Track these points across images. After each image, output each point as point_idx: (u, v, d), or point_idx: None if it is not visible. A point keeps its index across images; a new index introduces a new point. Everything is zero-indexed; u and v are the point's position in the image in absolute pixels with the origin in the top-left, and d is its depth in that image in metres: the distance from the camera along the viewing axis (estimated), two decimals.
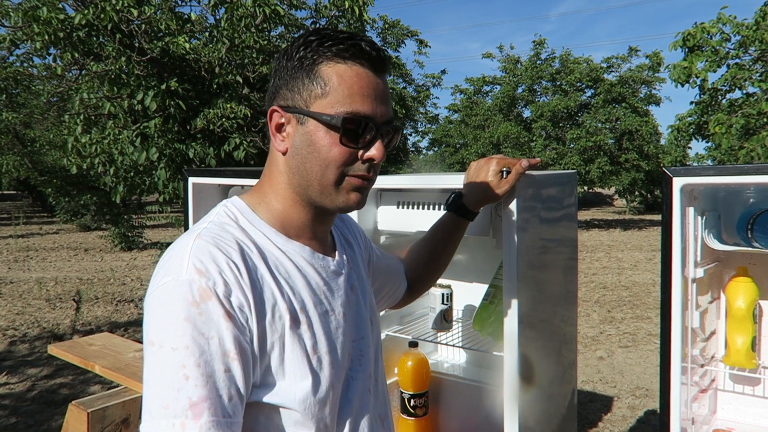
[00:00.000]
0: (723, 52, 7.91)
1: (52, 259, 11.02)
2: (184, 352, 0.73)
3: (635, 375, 4.64)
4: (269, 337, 0.82)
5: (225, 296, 0.77)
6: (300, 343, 0.84)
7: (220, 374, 0.75)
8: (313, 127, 0.86)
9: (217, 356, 0.75)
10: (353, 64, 0.86)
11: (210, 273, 0.78)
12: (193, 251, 0.80)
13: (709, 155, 10.43)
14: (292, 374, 0.83)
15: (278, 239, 0.90)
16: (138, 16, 5.54)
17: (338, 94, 0.85)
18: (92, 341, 2.90)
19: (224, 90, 6.40)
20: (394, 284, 1.28)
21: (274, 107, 0.89)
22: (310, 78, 0.86)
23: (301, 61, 0.86)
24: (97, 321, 6.37)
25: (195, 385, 0.73)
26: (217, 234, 0.84)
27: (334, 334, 0.91)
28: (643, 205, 22.07)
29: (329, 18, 7.71)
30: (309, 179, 0.88)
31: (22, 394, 4.28)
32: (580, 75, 17.54)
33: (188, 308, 0.75)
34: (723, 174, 1.39)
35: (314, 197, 0.90)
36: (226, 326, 0.76)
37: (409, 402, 1.78)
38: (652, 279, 8.63)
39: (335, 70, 0.85)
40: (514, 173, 1.34)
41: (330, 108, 0.85)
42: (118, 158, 6.19)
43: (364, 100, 0.85)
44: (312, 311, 0.88)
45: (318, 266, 0.93)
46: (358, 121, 0.85)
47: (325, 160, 0.86)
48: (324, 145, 0.86)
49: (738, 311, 1.63)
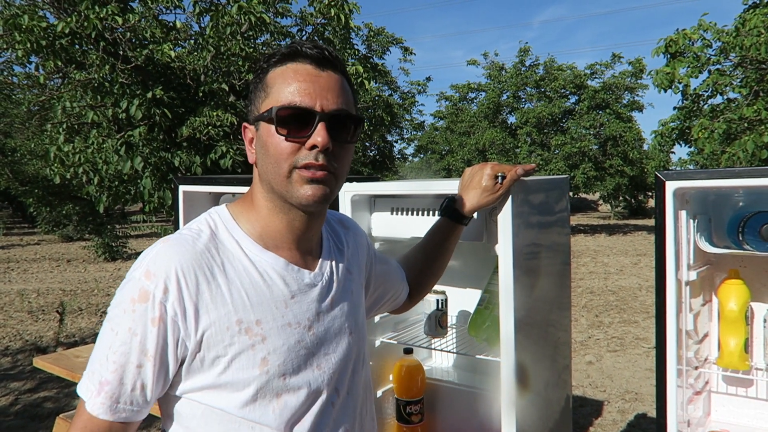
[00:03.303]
0: (704, 58, 8.04)
1: (34, 270, 10.83)
2: (115, 337, 0.85)
3: (624, 379, 4.66)
4: (213, 345, 0.86)
5: (161, 302, 0.84)
6: (249, 352, 0.88)
7: (132, 367, 0.85)
8: (263, 130, 0.92)
9: (135, 352, 0.85)
10: (292, 63, 0.91)
11: (156, 278, 0.85)
12: (153, 255, 0.88)
13: (692, 160, 10.57)
14: (236, 380, 0.88)
15: (253, 249, 0.93)
16: (122, 23, 5.50)
17: (277, 92, 0.90)
18: (78, 353, 2.85)
19: (210, 98, 6.36)
20: (397, 289, 1.29)
21: (244, 124, 0.98)
22: (259, 88, 0.94)
23: (256, 77, 0.95)
24: (81, 333, 6.27)
25: (107, 369, 0.85)
26: (185, 242, 0.89)
27: (293, 347, 0.92)
28: (628, 210, 22.30)
29: (315, 26, 7.71)
30: (270, 180, 0.92)
31: (5, 408, 4.18)
32: (564, 81, 17.71)
33: (128, 304, 0.85)
34: (715, 177, 1.41)
35: (280, 194, 0.93)
36: (151, 330, 0.84)
37: (405, 409, 1.77)
38: (638, 283, 8.70)
39: (276, 73, 0.92)
40: (509, 179, 1.34)
41: (269, 106, 0.91)
42: (102, 167, 6.12)
43: (302, 92, 0.89)
44: (270, 324, 0.90)
45: (289, 278, 0.95)
46: (291, 111, 0.89)
47: (273, 156, 0.91)
48: (271, 143, 0.90)
49: (730, 313, 1.64)
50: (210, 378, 0.87)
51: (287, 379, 0.91)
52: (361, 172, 13.72)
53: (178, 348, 0.86)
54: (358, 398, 1.05)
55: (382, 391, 1.86)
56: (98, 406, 0.85)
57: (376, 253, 1.23)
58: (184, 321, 0.85)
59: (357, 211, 1.75)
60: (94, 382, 0.86)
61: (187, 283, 0.85)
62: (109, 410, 0.85)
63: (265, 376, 0.89)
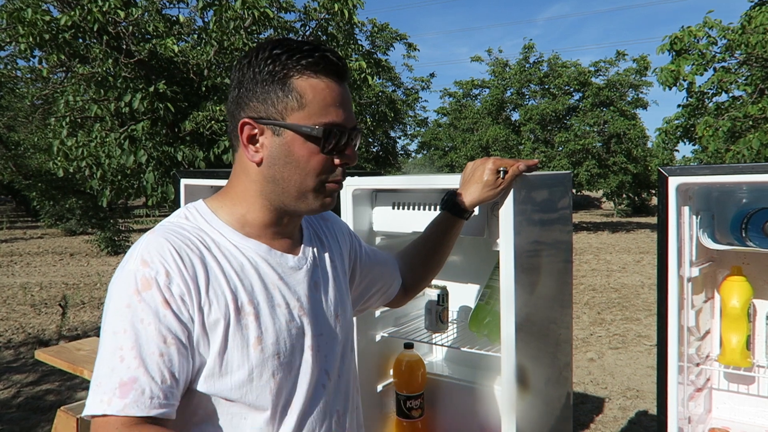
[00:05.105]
0: (710, 56, 8.01)
1: (37, 263, 10.87)
2: (122, 336, 0.81)
3: (625, 376, 4.66)
4: (210, 325, 0.86)
5: (166, 285, 0.83)
6: (243, 333, 0.88)
7: (154, 357, 0.81)
8: (291, 138, 0.90)
9: (153, 341, 0.81)
10: (324, 77, 0.91)
11: (154, 263, 0.84)
12: (143, 245, 0.87)
13: (696, 158, 10.54)
14: (231, 362, 0.87)
15: (234, 236, 0.94)
16: (125, 17, 5.49)
17: (314, 106, 0.90)
18: (80, 346, 2.86)
19: (213, 93, 6.36)
20: (387, 281, 1.27)
21: (245, 120, 0.91)
22: (284, 91, 0.89)
23: (272, 75, 0.89)
24: (83, 326, 6.29)
25: (128, 367, 0.79)
26: (171, 229, 0.90)
27: (284, 327, 0.93)
28: (631, 207, 22.26)
29: (318, 21, 7.70)
30: (286, 187, 0.93)
31: (7, 401, 4.20)
32: (569, 78, 17.66)
33: (130, 296, 0.82)
34: (718, 173, 1.40)
35: (288, 203, 0.94)
36: (164, 313, 0.82)
37: (405, 404, 1.77)
38: (641, 281, 8.68)
39: (309, 83, 0.90)
40: (511, 174, 1.33)
41: (308, 120, 0.90)
42: (105, 161, 6.13)
43: (336, 110, 0.91)
44: (262, 304, 0.91)
45: (273, 262, 0.96)
46: (335, 131, 0.91)
47: (305, 169, 0.91)
48: (303, 155, 0.91)
49: (732, 310, 1.63)
50: (210, 361, 0.87)
51: (281, 358, 0.92)
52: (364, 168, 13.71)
53: (194, 328, 0.85)
54: (350, 384, 1.07)
55: (383, 385, 1.86)
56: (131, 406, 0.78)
57: (362, 243, 1.23)
58: (190, 300, 0.85)
59: (358, 206, 1.75)
60: (107, 390, 0.79)
61: (184, 263, 0.85)
62: (144, 407, 0.79)
63: (260, 355, 0.89)
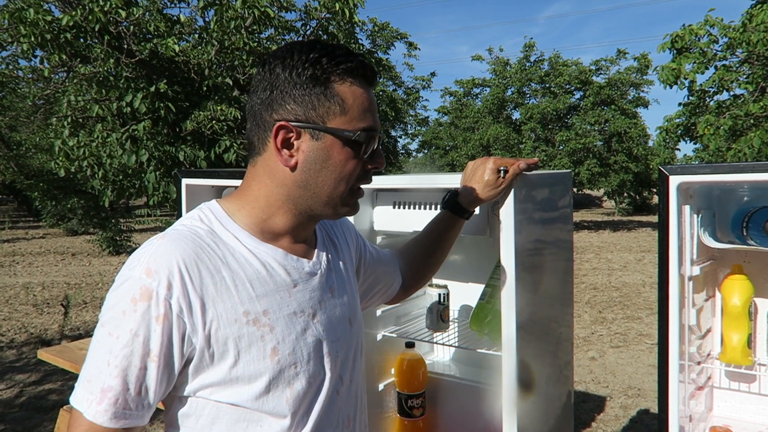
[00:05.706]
0: (711, 54, 7.99)
1: (39, 263, 10.88)
2: (115, 341, 0.82)
3: (627, 375, 4.66)
4: (221, 338, 0.85)
5: (165, 299, 0.82)
6: (259, 344, 0.87)
7: (135, 370, 0.82)
8: (330, 142, 0.90)
9: (138, 354, 0.81)
10: (362, 82, 0.92)
11: (158, 274, 0.82)
12: (152, 251, 0.85)
13: (697, 157, 10.54)
14: (248, 373, 0.87)
15: (250, 241, 0.92)
16: (126, 17, 5.50)
17: (354, 111, 0.91)
18: (83, 345, 2.86)
19: (214, 92, 6.36)
20: (389, 280, 1.28)
21: (282, 123, 0.89)
22: (326, 95, 0.89)
23: (313, 79, 0.89)
24: (86, 326, 6.30)
25: (110, 374, 0.81)
26: (184, 235, 0.87)
27: (301, 335, 0.92)
28: (632, 206, 22.22)
29: (319, 20, 7.70)
30: (318, 192, 0.92)
31: (9, 400, 4.21)
32: (569, 77, 17.64)
33: (128, 304, 0.82)
34: (719, 172, 1.40)
35: (316, 208, 0.94)
36: (155, 328, 0.82)
37: (406, 403, 1.77)
38: (642, 280, 8.68)
39: (350, 89, 0.91)
40: (511, 173, 1.33)
41: (348, 125, 0.90)
42: (106, 161, 6.14)
43: (372, 115, 0.94)
44: (277, 313, 0.90)
45: (290, 267, 0.95)
46: (375, 137, 0.94)
47: (341, 173, 0.92)
48: (340, 160, 0.91)
49: (734, 309, 1.63)
50: (221, 373, 0.86)
51: (298, 367, 0.91)
52: None
53: (184, 345, 0.83)
54: (359, 387, 1.07)
55: (384, 384, 1.87)
56: (101, 414, 0.81)
57: (366, 241, 1.24)
58: (190, 316, 0.83)
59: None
60: (93, 391, 0.82)
61: (191, 277, 0.83)
62: (113, 417, 0.81)
63: (277, 366, 0.88)
